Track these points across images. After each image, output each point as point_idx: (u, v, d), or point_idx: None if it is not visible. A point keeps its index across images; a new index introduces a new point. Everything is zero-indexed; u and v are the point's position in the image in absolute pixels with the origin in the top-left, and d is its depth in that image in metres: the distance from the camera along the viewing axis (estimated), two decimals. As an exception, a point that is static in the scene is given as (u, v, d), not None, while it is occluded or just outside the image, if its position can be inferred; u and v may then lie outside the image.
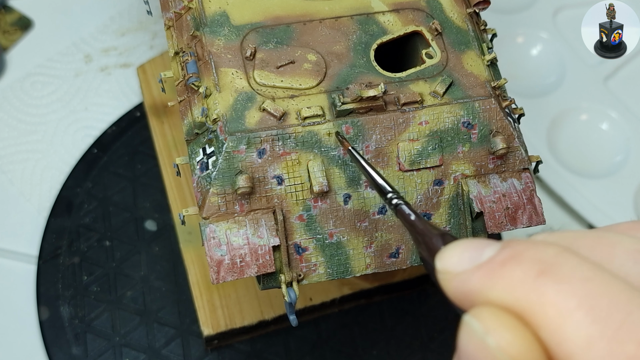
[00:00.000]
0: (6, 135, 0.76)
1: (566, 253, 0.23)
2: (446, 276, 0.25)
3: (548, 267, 0.22)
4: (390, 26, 0.51)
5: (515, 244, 0.24)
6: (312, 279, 0.48)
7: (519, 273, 0.23)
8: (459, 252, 0.25)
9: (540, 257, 0.23)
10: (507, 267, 0.23)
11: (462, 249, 0.25)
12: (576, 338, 0.21)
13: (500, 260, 0.23)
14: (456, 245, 0.25)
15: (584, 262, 0.23)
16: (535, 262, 0.23)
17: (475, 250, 0.25)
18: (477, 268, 0.24)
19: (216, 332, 0.65)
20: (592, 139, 0.79)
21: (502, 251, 0.24)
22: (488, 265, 0.24)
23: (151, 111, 0.75)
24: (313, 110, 0.47)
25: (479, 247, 0.25)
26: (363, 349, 0.67)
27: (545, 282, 0.22)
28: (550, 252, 0.23)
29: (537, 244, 0.24)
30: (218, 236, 0.46)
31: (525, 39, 0.83)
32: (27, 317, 0.68)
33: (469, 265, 0.24)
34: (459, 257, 0.25)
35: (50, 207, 0.72)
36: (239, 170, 0.46)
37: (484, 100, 0.48)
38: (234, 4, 0.51)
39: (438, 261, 0.25)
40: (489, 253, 0.24)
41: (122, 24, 0.83)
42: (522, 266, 0.23)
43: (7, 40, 0.81)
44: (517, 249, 0.23)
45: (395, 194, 0.36)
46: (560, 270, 0.22)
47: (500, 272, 0.23)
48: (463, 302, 0.24)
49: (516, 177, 0.49)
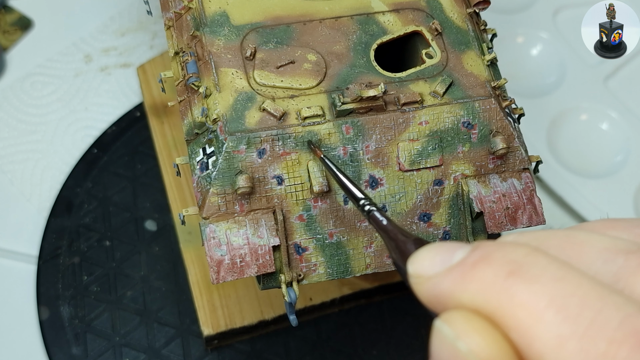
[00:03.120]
0: (6, 135, 0.76)
1: (536, 253, 0.23)
2: (418, 280, 0.25)
3: (518, 267, 0.22)
4: (390, 26, 0.51)
5: (486, 245, 0.23)
6: (312, 279, 0.48)
7: (489, 274, 0.22)
8: (431, 256, 0.25)
9: (510, 257, 0.23)
10: (477, 269, 0.23)
11: (434, 252, 0.25)
12: (547, 338, 0.21)
13: (471, 262, 0.23)
14: (428, 249, 0.25)
15: (553, 262, 0.22)
16: (505, 262, 0.23)
17: (446, 253, 0.24)
18: (448, 271, 0.24)
19: (216, 332, 0.65)
20: (592, 139, 0.79)
21: (472, 253, 0.23)
22: (459, 268, 0.23)
23: (151, 111, 0.75)
24: (313, 110, 0.47)
25: (450, 250, 0.24)
26: (363, 349, 0.67)
27: (515, 283, 0.22)
28: (520, 252, 0.23)
29: (507, 244, 0.23)
30: (218, 236, 0.46)
31: (525, 39, 0.83)
32: (27, 317, 0.68)
33: (440, 268, 0.24)
34: (430, 261, 0.24)
35: (50, 207, 0.72)
36: (239, 170, 0.46)
37: (484, 100, 0.48)
38: (234, 4, 0.51)
39: (410, 265, 0.25)
40: (460, 255, 0.24)
41: (122, 24, 0.83)
42: (492, 267, 0.23)
43: (7, 40, 0.81)
44: (487, 250, 0.23)
45: (367, 201, 0.36)
46: (530, 270, 0.22)
47: (470, 274, 0.23)
48: (436, 306, 0.24)
49: (516, 177, 0.49)
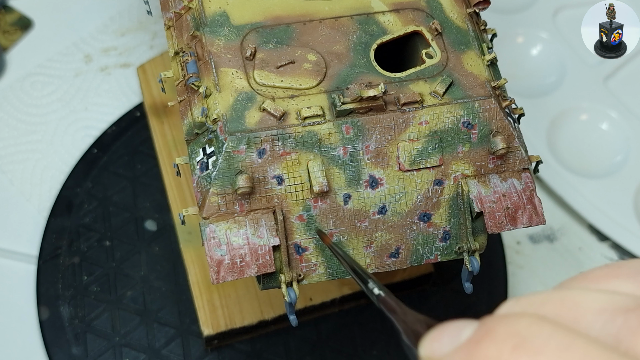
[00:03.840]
0: (6, 135, 0.76)
1: (539, 322, 0.22)
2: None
3: (522, 340, 0.22)
4: (390, 26, 0.51)
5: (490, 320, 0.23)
6: (312, 279, 0.48)
7: (495, 350, 0.22)
8: (440, 336, 0.24)
9: (513, 330, 0.22)
10: (482, 346, 0.23)
11: (443, 332, 0.24)
12: None
13: (476, 340, 0.23)
14: (438, 330, 0.25)
15: (557, 330, 0.22)
16: (509, 336, 0.22)
17: (454, 332, 0.24)
18: (456, 350, 0.23)
19: (216, 332, 0.65)
20: (592, 139, 0.79)
21: (477, 329, 0.23)
22: (466, 346, 0.23)
23: (151, 111, 0.75)
24: (313, 110, 0.47)
25: (458, 329, 0.24)
26: (363, 349, 0.67)
27: (521, 356, 0.22)
28: (522, 323, 0.22)
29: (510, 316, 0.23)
30: (218, 236, 0.46)
31: (525, 39, 0.83)
32: (27, 317, 0.68)
33: (449, 348, 0.24)
34: (439, 342, 0.24)
35: (50, 207, 0.72)
36: (239, 170, 0.46)
37: (484, 100, 0.48)
38: (234, 4, 0.51)
39: (421, 348, 0.25)
40: (467, 333, 0.24)
41: (122, 24, 0.83)
42: (496, 343, 0.22)
43: (7, 40, 0.81)
44: (490, 325, 0.23)
45: (376, 284, 0.36)
46: (535, 342, 0.22)
47: (476, 352, 0.23)
48: None
49: (516, 177, 0.49)
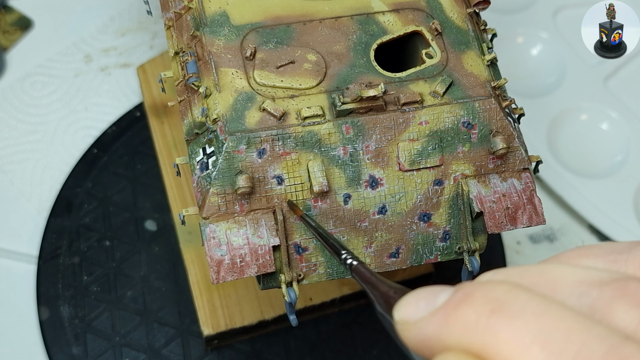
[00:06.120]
0: (6, 135, 0.76)
1: (516, 289, 0.23)
2: (405, 326, 0.25)
3: (499, 305, 0.22)
4: (390, 26, 0.51)
5: (467, 285, 0.24)
6: (312, 279, 0.48)
7: (472, 314, 0.23)
8: (415, 301, 0.25)
9: (491, 295, 0.23)
10: (460, 310, 0.23)
11: (418, 297, 0.25)
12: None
13: (454, 304, 0.23)
14: (412, 295, 0.25)
15: (534, 297, 0.23)
16: (487, 301, 0.23)
17: (430, 297, 0.24)
18: (432, 314, 0.24)
19: (216, 332, 0.65)
20: (592, 139, 0.79)
21: (454, 294, 0.24)
22: (442, 310, 0.23)
23: (151, 111, 0.75)
24: (313, 110, 0.47)
25: (434, 293, 0.24)
26: (363, 349, 0.67)
27: (498, 320, 0.22)
28: (500, 289, 0.23)
29: (488, 283, 0.23)
30: (218, 236, 0.46)
31: (525, 39, 0.83)
32: (27, 317, 0.68)
33: (425, 312, 0.24)
34: (415, 306, 0.25)
35: (50, 207, 0.72)
36: (239, 170, 0.46)
37: (484, 100, 0.48)
38: (234, 4, 0.51)
39: (396, 312, 0.25)
40: (443, 297, 0.24)
41: (122, 24, 0.83)
42: (474, 307, 0.23)
43: (7, 40, 0.81)
44: (468, 290, 0.23)
45: (349, 254, 0.36)
46: (512, 307, 0.22)
47: (454, 316, 0.23)
48: (424, 351, 0.24)
49: (516, 177, 0.49)
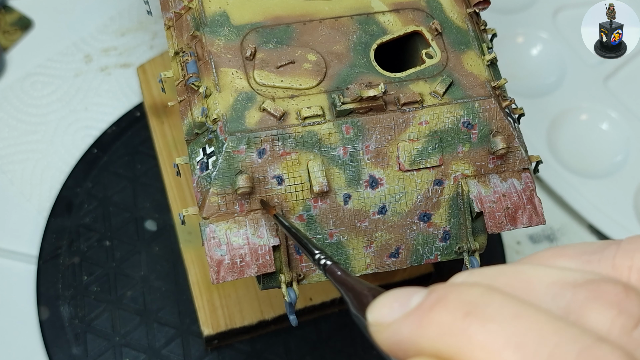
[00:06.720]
0: (6, 135, 0.76)
1: (490, 292, 0.23)
2: (378, 328, 0.24)
3: (473, 307, 0.22)
4: (390, 26, 0.51)
5: (441, 287, 0.23)
6: (312, 279, 0.48)
7: (446, 317, 0.22)
8: (389, 302, 0.24)
9: (465, 298, 0.23)
10: (434, 312, 0.23)
11: (392, 299, 0.25)
12: None
13: (428, 306, 0.23)
14: (386, 296, 0.25)
15: (508, 299, 0.22)
16: (461, 304, 0.22)
17: (403, 299, 0.24)
18: (406, 316, 0.23)
19: (216, 332, 0.65)
20: (592, 139, 0.79)
21: (428, 296, 0.23)
22: (416, 312, 0.23)
23: (151, 111, 0.75)
24: (313, 110, 0.47)
25: (407, 295, 0.24)
26: (363, 349, 0.67)
27: (472, 324, 0.22)
28: (474, 292, 0.23)
29: (462, 285, 0.23)
30: (218, 236, 0.46)
31: (525, 39, 0.83)
32: (27, 317, 0.68)
33: (399, 314, 0.24)
34: (388, 308, 0.24)
35: (50, 207, 0.72)
36: (239, 170, 0.46)
37: (484, 100, 0.48)
38: (234, 4, 0.51)
39: (369, 314, 0.25)
40: (416, 300, 0.24)
41: (122, 24, 0.83)
42: (449, 309, 0.23)
43: (7, 40, 0.81)
44: (442, 293, 0.23)
45: (323, 254, 0.36)
46: (486, 310, 0.22)
47: (428, 318, 0.23)
48: (397, 353, 0.24)
49: (516, 177, 0.49)
